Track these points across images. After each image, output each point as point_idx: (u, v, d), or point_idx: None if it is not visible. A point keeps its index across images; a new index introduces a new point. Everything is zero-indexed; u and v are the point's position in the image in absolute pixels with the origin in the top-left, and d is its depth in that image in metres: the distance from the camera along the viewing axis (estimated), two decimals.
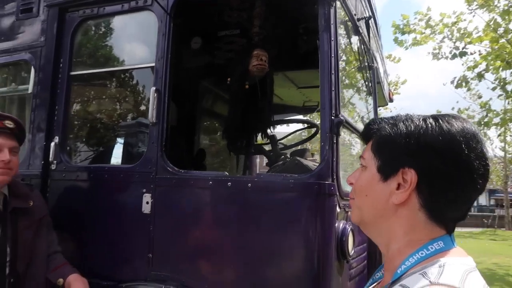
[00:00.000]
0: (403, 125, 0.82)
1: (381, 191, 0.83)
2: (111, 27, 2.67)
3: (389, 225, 0.83)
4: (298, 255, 1.80)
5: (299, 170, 1.96)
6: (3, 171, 1.81)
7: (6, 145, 1.83)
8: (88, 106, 3.11)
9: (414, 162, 0.78)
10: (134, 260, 2.10)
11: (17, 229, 1.84)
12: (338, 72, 1.95)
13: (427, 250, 0.77)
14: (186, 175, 2.06)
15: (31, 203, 1.92)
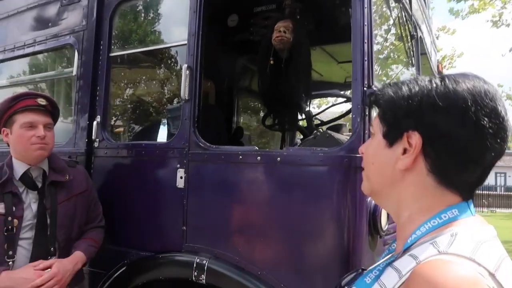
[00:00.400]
0: (406, 88, 0.78)
1: (387, 157, 0.80)
2: (146, 7, 2.72)
3: (398, 193, 0.80)
4: (329, 230, 1.77)
5: (329, 144, 1.91)
6: (40, 146, 1.90)
7: (40, 121, 1.92)
8: (127, 86, 3.22)
9: (417, 124, 0.74)
10: (169, 233, 2.18)
11: (56, 201, 1.95)
12: (371, 41, 1.86)
13: (440, 219, 0.73)
14: (217, 150, 2.08)
15: (67, 177, 2.02)
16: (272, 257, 1.88)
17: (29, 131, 1.89)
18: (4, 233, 1.81)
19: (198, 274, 2.00)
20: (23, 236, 1.87)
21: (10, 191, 1.86)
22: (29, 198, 1.91)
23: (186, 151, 2.15)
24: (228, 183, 2.04)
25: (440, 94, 0.72)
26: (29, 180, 1.93)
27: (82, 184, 2.11)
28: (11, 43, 3.08)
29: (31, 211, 1.89)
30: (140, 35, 2.75)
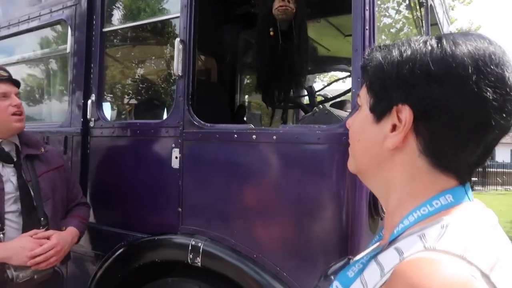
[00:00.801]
0: (397, 51, 0.65)
1: (374, 134, 0.68)
2: None
3: (386, 175, 0.69)
4: (327, 212, 1.68)
5: (329, 120, 1.80)
6: (18, 117, 1.86)
7: (12, 91, 1.88)
8: (122, 64, 3.12)
9: (408, 96, 0.62)
10: (165, 214, 2.12)
11: (35, 173, 1.90)
12: (373, 8, 1.71)
13: (431, 206, 0.62)
14: (212, 128, 1.98)
15: (42, 150, 1.98)
16: (268, 239, 1.81)
17: (4, 102, 1.85)
18: None
19: (194, 256, 1.94)
20: (9, 210, 1.82)
21: None
22: (6, 172, 1.85)
23: (180, 130, 2.07)
24: (224, 163, 1.95)
25: (436, 59, 0.60)
26: (4, 154, 1.87)
27: (58, 159, 2.08)
28: (6, 20, 3.00)
29: (12, 184, 1.84)
30: (134, 8, 2.63)
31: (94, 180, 2.45)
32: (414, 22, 2.57)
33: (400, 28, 6.08)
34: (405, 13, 3.70)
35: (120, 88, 3.17)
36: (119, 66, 3.15)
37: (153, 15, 2.58)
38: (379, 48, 0.70)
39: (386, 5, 6.11)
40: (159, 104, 3.47)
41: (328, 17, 3.26)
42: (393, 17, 5.59)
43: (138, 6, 2.63)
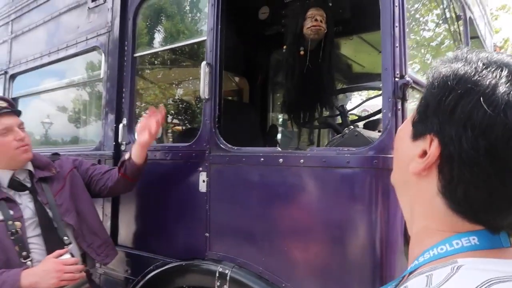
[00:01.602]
0: (451, 69, 0.54)
1: (407, 150, 0.60)
2: (168, 4, 2.65)
3: (411, 199, 0.61)
4: (359, 241, 1.58)
5: (359, 143, 1.70)
6: (24, 149, 1.88)
7: (13, 123, 1.88)
8: (154, 87, 3.18)
9: (441, 130, 0.53)
10: (193, 239, 2.08)
11: (50, 194, 1.93)
12: (404, 24, 1.63)
13: (450, 246, 0.53)
14: (239, 152, 1.94)
15: (54, 171, 2.01)
16: (296, 268, 1.72)
17: (7, 137, 1.85)
18: (11, 237, 1.79)
19: (221, 283, 1.89)
20: (31, 235, 1.85)
21: (1, 198, 1.83)
22: (23, 199, 1.89)
23: (207, 154, 2.05)
24: (250, 187, 1.90)
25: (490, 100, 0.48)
26: (17, 183, 1.90)
27: (68, 166, 2.10)
28: (47, 48, 3.15)
29: (30, 210, 1.87)
30: (163, 33, 2.68)
31: (125, 203, 2.46)
32: (452, 37, 2.43)
33: (442, 41, 5.86)
34: (445, 26, 3.56)
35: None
36: (151, 89, 3.21)
37: (180, 39, 2.61)
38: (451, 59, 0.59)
39: (426, 18, 5.93)
40: None
41: (360, 33, 3.18)
42: (434, 30, 5.40)
43: (167, 30, 2.67)
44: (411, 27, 4.94)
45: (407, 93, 1.58)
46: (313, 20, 2.12)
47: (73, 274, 1.76)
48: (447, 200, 0.54)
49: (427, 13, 5.00)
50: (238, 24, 2.98)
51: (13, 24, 3.59)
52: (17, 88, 3.54)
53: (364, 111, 5.90)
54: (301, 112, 2.42)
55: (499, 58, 0.53)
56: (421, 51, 5.22)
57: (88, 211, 2.07)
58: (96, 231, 2.06)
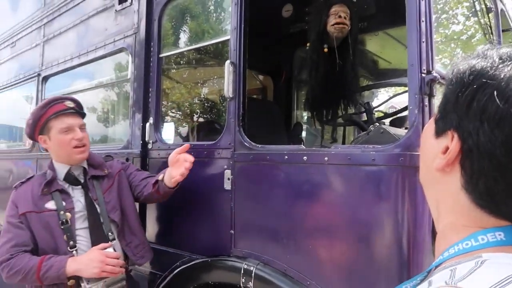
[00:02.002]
0: (468, 65, 0.55)
1: (431, 147, 0.61)
2: (194, 4, 2.68)
3: (437, 195, 0.61)
4: (385, 239, 1.55)
5: (384, 140, 1.68)
6: (80, 150, 2.00)
7: (75, 124, 2.01)
8: (179, 86, 3.22)
9: (460, 125, 0.54)
10: (218, 237, 2.11)
11: (100, 191, 2.05)
12: (430, 19, 1.59)
13: (476, 241, 0.54)
14: (263, 149, 1.95)
15: (106, 171, 2.12)
16: (321, 265, 1.72)
17: (68, 135, 1.99)
18: (61, 227, 1.93)
19: (246, 280, 1.90)
20: (79, 227, 1.98)
21: (57, 189, 1.98)
22: (75, 193, 2.03)
23: (232, 152, 2.06)
24: (275, 185, 1.90)
25: (503, 92, 0.49)
26: (72, 178, 2.04)
27: (118, 167, 2.21)
28: (77, 50, 3.25)
29: (80, 204, 2.01)
30: (188, 33, 2.72)
31: None
32: (482, 30, 2.36)
33: (472, 34, 5.64)
34: (475, 19, 3.45)
35: (177, 110, 3.27)
36: (176, 89, 3.26)
37: (205, 39, 2.64)
38: (471, 56, 0.59)
39: (455, 11, 5.74)
40: (219, 128, 3.53)
41: (386, 29, 3.12)
42: (464, 23, 5.21)
43: (192, 30, 2.71)
44: (440, 21, 4.82)
45: (434, 88, 1.55)
46: (337, 17, 2.10)
47: (113, 267, 1.86)
48: (471, 195, 0.54)
49: (457, 6, 4.85)
50: (262, 22, 2.98)
51: (45, 28, 3.73)
52: (49, 90, 3.68)
53: (391, 108, 5.79)
54: (324, 109, 2.40)
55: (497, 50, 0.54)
56: (450, 45, 5.08)
57: (130, 211, 2.16)
58: (135, 232, 2.15)
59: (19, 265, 1.81)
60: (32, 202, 1.94)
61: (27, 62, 4.00)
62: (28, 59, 3.99)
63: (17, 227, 1.91)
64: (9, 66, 4.38)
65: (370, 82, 3.91)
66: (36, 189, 1.96)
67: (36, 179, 2.03)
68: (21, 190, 2.01)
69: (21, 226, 1.91)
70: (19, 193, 2.00)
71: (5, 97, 4.63)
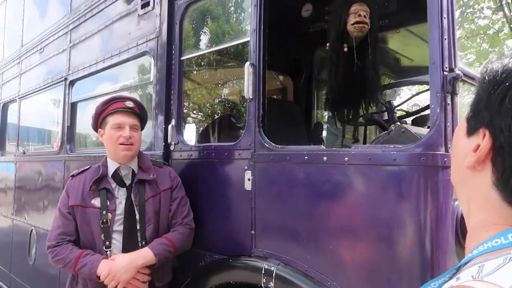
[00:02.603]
0: (502, 64, 0.57)
1: (463, 146, 0.62)
2: (214, 6, 2.71)
3: (468, 194, 0.62)
4: (407, 241, 1.53)
5: (406, 139, 1.66)
6: (125, 147, 2.07)
7: (126, 122, 2.10)
8: (201, 88, 3.26)
9: (492, 123, 0.55)
10: (239, 237, 2.13)
11: (143, 198, 2.10)
12: (453, 15, 1.56)
13: (505, 239, 0.54)
14: (283, 150, 1.96)
15: (152, 176, 2.15)
16: (342, 266, 1.71)
17: (117, 132, 2.08)
18: (101, 226, 2.03)
19: (267, 280, 1.91)
20: (115, 229, 2.06)
21: (104, 187, 2.07)
22: (120, 194, 2.10)
23: (252, 152, 2.08)
24: (295, 186, 1.90)
25: None
26: (118, 177, 2.12)
27: (166, 182, 2.22)
28: (102, 55, 3.34)
29: (122, 206, 2.07)
30: (208, 35, 2.75)
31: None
32: (509, 23, 2.29)
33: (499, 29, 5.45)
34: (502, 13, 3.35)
35: (198, 111, 3.31)
36: (197, 90, 3.30)
37: (226, 40, 2.66)
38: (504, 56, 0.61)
39: (481, 5, 5.57)
40: (235, 122, 3.53)
41: (408, 26, 3.07)
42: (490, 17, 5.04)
43: (212, 32, 2.74)
44: (465, 15, 4.69)
45: (457, 87, 1.52)
46: (357, 15, 2.09)
47: (139, 282, 1.97)
48: (502, 193, 0.55)
49: (482, 0, 4.70)
50: (281, 22, 2.99)
51: (71, 33, 3.84)
52: (76, 93, 3.79)
53: (415, 106, 5.68)
54: (345, 109, 2.39)
55: None
56: (476, 40, 4.93)
57: (162, 232, 2.17)
58: None
59: (62, 255, 1.98)
60: (82, 195, 2.06)
61: (55, 67, 4.13)
62: (55, 64, 4.12)
63: (65, 217, 2.06)
64: (37, 71, 4.53)
65: (392, 80, 3.86)
66: (88, 183, 2.08)
67: (90, 172, 2.14)
68: (75, 180, 2.14)
69: (68, 217, 2.06)
70: (73, 183, 2.14)
71: (34, 101, 4.79)
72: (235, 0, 2.59)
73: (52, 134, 4.78)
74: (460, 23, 3.00)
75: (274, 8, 2.18)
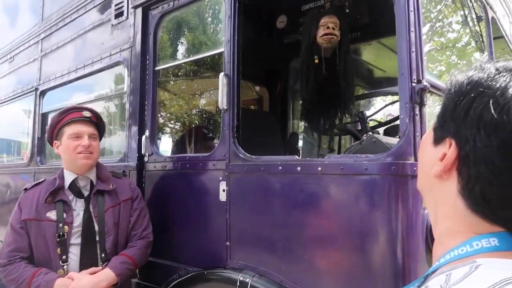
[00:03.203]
0: (466, 76, 0.59)
1: (430, 155, 0.64)
2: (189, 17, 2.71)
3: (435, 202, 0.64)
4: (379, 249, 1.55)
5: (377, 149, 1.69)
6: (84, 155, 2.02)
7: (85, 131, 2.05)
8: (175, 99, 3.24)
9: (457, 132, 0.57)
10: (214, 248, 2.10)
11: (102, 208, 2.04)
12: (420, 29, 1.61)
13: (470, 247, 0.55)
14: (257, 160, 1.96)
15: (111, 186, 2.11)
16: (317, 277, 1.71)
17: (75, 141, 2.02)
18: (57, 239, 1.93)
19: None
20: (73, 242, 1.98)
21: (61, 199, 1.99)
22: (77, 206, 2.02)
23: (226, 163, 2.07)
24: (270, 196, 1.91)
25: (498, 101, 0.52)
26: (76, 188, 2.05)
27: (126, 192, 2.17)
28: (74, 64, 3.27)
29: (80, 219, 2.00)
30: (183, 46, 2.75)
31: (149, 213, 2.51)
32: (474, 38, 2.38)
33: (468, 42, 5.67)
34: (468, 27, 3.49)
35: (174, 121, 3.29)
36: (173, 100, 3.28)
37: (202, 50, 2.66)
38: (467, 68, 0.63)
39: (449, 20, 5.78)
40: (207, 133, 3.51)
41: (379, 38, 3.15)
42: (459, 31, 5.24)
43: (187, 43, 2.74)
44: (435, 29, 4.85)
45: (425, 98, 1.56)
46: (325, 28, 2.13)
47: None
48: (467, 201, 0.56)
49: (451, 14, 4.88)
50: (256, 33, 3.02)
51: (42, 42, 3.76)
52: (47, 104, 3.70)
53: (389, 116, 5.79)
54: (320, 119, 2.42)
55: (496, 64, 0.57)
56: (446, 52, 5.10)
57: (121, 244, 2.10)
58: None
59: (14, 274, 1.87)
60: (36, 208, 1.97)
61: (25, 76, 4.03)
62: (26, 73, 4.02)
63: (17, 233, 1.96)
64: (7, 81, 4.41)
65: (366, 91, 3.94)
66: (43, 195, 1.99)
67: (45, 185, 2.05)
68: (29, 194, 2.05)
69: (21, 232, 1.96)
70: (26, 197, 2.04)
71: (3, 112, 4.65)
72: (210, 11, 2.59)
73: (22, 146, 4.64)
74: (430, 36, 3.10)
75: (249, 20, 2.21)
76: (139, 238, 2.14)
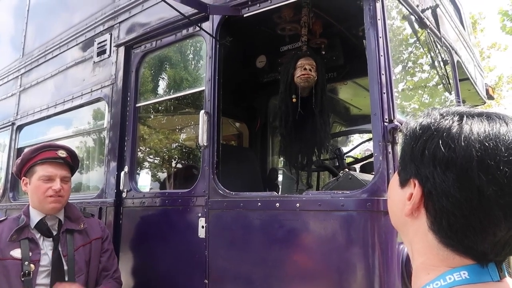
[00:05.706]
0: (417, 122, 0.66)
1: (398, 197, 0.69)
2: (171, 55, 2.79)
3: (410, 238, 0.68)
4: (356, 282, 1.57)
5: (353, 186, 1.74)
6: (55, 199, 1.95)
7: (57, 174, 1.98)
8: (155, 135, 3.26)
9: (418, 172, 0.63)
10: (193, 286, 2.07)
11: (72, 247, 1.96)
12: (390, 72, 1.72)
13: (444, 281, 0.60)
14: (236, 197, 1.98)
15: (82, 226, 2.04)
16: None
17: (46, 184, 1.95)
18: (21, 278, 1.83)
19: None
20: (40, 282, 1.87)
21: (26, 237, 1.90)
22: (45, 245, 1.93)
23: (206, 199, 2.08)
24: (249, 233, 1.91)
25: (445, 140, 0.59)
26: (44, 227, 1.96)
27: (96, 231, 2.11)
28: (53, 100, 3.27)
29: (48, 258, 1.91)
30: (164, 83, 2.80)
31: (126, 250, 2.47)
32: (441, 80, 2.53)
33: (438, 82, 5.99)
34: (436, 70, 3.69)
35: (154, 157, 3.29)
36: (153, 135, 3.30)
37: (183, 87, 2.72)
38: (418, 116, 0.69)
39: (420, 61, 6.12)
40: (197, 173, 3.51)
41: (354, 78, 3.29)
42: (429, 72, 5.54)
43: (169, 80, 2.80)
44: (407, 69, 5.10)
45: (396, 136, 1.64)
46: (302, 69, 2.23)
47: None
48: (437, 235, 0.61)
49: (422, 57, 5.16)
50: (237, 72, 3.11)
51: (22, 78, 3.76)
52: (23, 138, 3.65)
53: (367, 151, 5.94)
54: (298, 155, 2.48)
55: (456, 109, 0.64)
56: (418, 91, 5.32)
57: (91, 284, 2.04)
58: None
59: None
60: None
61: (2, 111, 3.99)
62: (3, 108, 3.99)
63: None
64: None
65: (344, 128, 4.06)
66: (6, 233, 1.90)
67: (8, 223, 1.96)
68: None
69: None
70: None
71: None
72: (191, 48, 2.67)
73: None
74: (403, 76, 3.27)
75: (230, 59, 2.28)
76: (111, 278, 2.08)
